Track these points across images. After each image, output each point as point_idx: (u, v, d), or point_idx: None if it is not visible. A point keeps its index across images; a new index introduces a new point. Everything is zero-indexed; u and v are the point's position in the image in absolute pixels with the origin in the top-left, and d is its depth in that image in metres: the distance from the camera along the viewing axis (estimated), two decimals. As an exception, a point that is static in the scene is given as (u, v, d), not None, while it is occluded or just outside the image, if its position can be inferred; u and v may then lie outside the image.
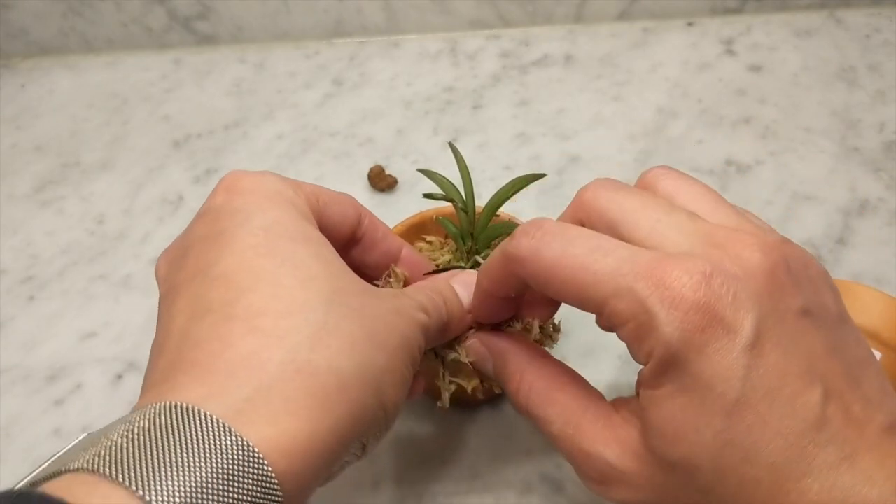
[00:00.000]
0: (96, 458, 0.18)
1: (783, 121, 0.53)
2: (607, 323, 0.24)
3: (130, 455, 0.18)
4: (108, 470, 0.17)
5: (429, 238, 0.38)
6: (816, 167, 0.50)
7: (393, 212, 0.39)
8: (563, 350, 0.40)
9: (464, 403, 0.38)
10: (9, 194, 0.53)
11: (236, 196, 0.25)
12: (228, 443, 0.18)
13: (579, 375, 0.27)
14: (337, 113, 0.57)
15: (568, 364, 0.40)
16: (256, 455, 0.19)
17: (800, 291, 0.23)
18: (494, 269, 0.27)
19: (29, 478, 0.19)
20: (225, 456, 0.18)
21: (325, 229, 0.27)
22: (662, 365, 0.22)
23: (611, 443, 0.24)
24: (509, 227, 0.33)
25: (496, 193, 0.34)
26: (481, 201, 0.35)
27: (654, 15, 0.63)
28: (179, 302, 0.23)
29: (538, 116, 0.55)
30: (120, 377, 0.42)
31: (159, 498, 0.17)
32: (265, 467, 0.19)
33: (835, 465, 0.21)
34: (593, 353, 0.40)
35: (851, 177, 0.49)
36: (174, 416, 0.19)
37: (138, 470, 0.17)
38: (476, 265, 0.34)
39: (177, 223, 0.50)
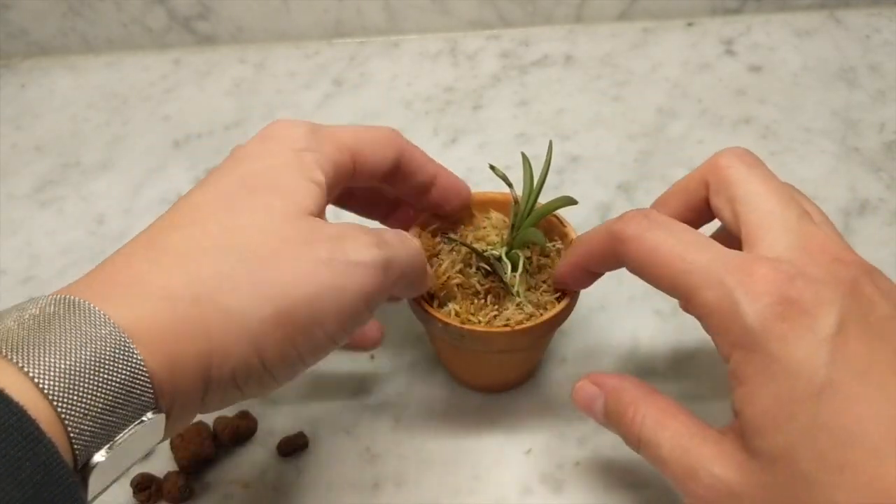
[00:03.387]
0: None
1: (783, 121, 0.53)
2: (695, 312, 0.25)
3: (20, 337, 0.20)
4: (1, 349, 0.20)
5: (493, 214, 0.38)
6: (816, 167, 0.50)
7: (393, 212, 0.39)
8: (562, 350, 0.40)
9: (476, 389, 0.38)
10: (9, 194, 0.53)
11: (254, 142, 0.28)
12: (105, 332, 0.21)
13: (687, 408, 0.28)
14: (337, 113, 0.57)
15: (567, 364, 0.40)
16: (129, 344, 0.21)
17: (885, 301, 0.24)
18: (595, 245, 0.29)
19: None
20: (102, 342, 0.21)
21: (363, 167, 0.30)
22: (747, 354, 0.23)
23: (716, 457, 0.25)
24: (534, 236, 0.34)
25: (542, 206, 0.35)
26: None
27: (654, 15, 0.63)
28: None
29: (538, 116, 0.55)
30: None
31: (41, 374, 0.20)
32: (136, 354, 0.21)
33: None
34: (594, 354, 0.40)
35: (851, 177, 0.49)
36: (60, 306, 0.21)
37: (25, 350, 0.20)
38: (498, 258, 0.34)
39: (177, 223, 0.50)
